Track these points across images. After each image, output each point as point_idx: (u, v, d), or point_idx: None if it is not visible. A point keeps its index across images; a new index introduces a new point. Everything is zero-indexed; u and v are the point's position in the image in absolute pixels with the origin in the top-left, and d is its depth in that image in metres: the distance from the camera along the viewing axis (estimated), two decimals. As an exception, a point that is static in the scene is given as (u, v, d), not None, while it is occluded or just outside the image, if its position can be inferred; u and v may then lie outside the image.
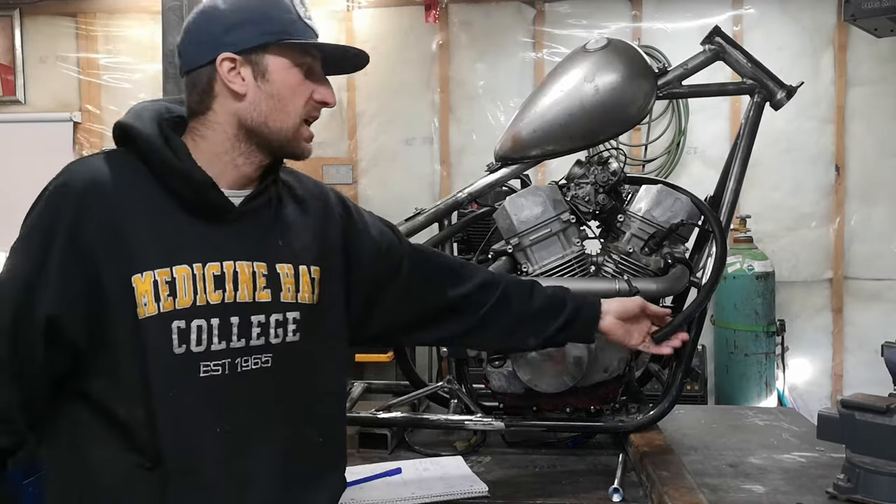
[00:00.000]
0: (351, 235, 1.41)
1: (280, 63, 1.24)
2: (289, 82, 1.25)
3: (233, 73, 1.22)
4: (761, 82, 2.00)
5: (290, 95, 1.25)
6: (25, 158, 4.78)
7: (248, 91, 1.23)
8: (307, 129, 1.30)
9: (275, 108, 1.25)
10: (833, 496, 1.63)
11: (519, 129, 2.02)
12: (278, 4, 1.25)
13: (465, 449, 2.01)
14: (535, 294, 1.57)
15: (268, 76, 1.24)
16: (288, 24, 1.25)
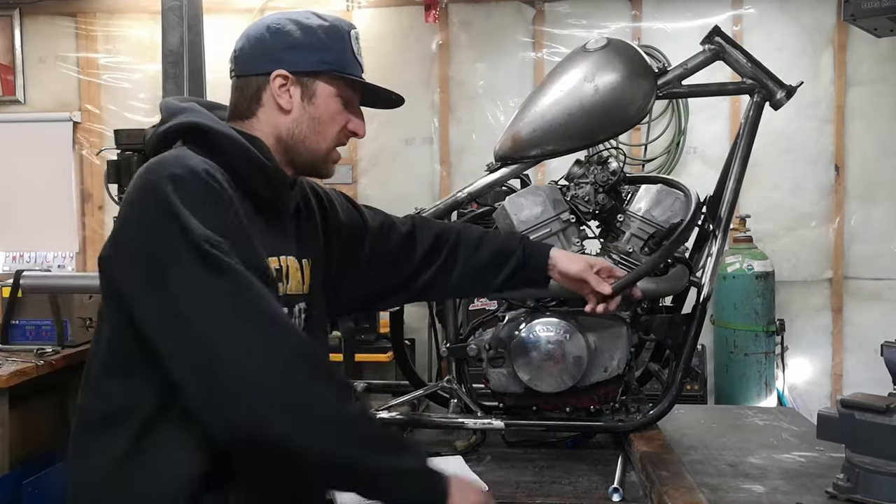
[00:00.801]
0: (328, 225, 1.53)
1: (327, 90, 1.36)
2: (330, 109, 1.36)
3: (282, 89, 1.33)
4: (761, 82, 2.00)
5: (329, 121, 1.37)
6: (25, 158, 4.78)
7: (293, 108, 1.34)
8: (337, 152, 1.42)
9: (313, 130, 1.36)
10: (833, 496, 1.63)
11: (519, 129, 2.02)
12: (340, 39, 1.36)
13: (465, 449, 2.01)
14: (483, 246, 1.67)
15: (314, 100, 1.35)
16: (343, 58, 1.36)
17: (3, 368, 3.30)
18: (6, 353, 3.50)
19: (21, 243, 4.81)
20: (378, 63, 4.65)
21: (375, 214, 1.67)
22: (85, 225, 4.84)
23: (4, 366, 3.34)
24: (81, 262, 4.82)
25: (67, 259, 4.82)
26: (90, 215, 4.84)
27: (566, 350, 1.84)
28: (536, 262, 1.67)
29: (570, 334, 1.85)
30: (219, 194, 1.20)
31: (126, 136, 3.64)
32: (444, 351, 2.07)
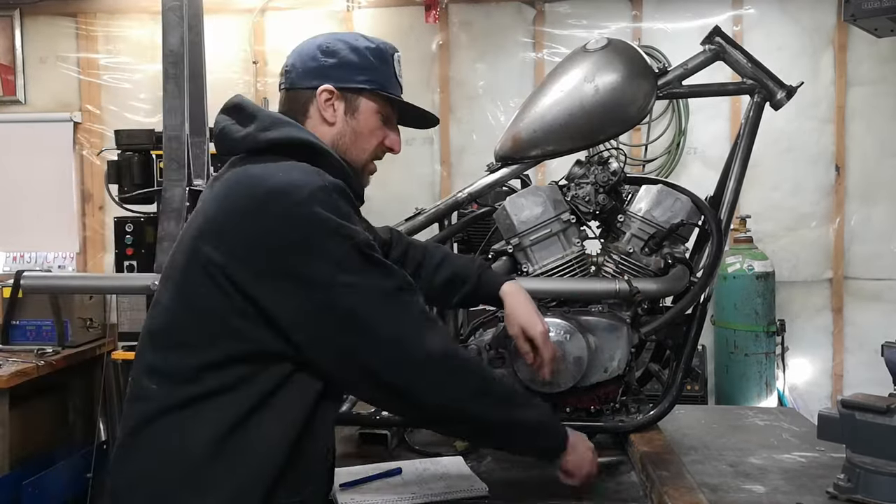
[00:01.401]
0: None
1: (369, 107, 1.48)
2: (370, 124, 1.48)
3: (328, 103, 1.44)
4: (761, 82, 2.00)
5: (369, 135, 1.49)
6: (25, 158, 4.78)
7: (338, 121, 1.45)
8: (374, 164, 1.53)
9: (354, 142, 1.47)
10: (833, 496, 1.63)
11: (519, 130, 2.02)
12: (385, 61, 1.50)
13: (465, 449, 2.01)
14: (442, 268, 1.75)
15: (357, 114, 1.46)
16: (386, 78, 1.50)
17: (4, 368, 3.30)
18: (6, 354, 3.51)
19: (21, 243, 4.81)
20: (378, 63, 4.64)
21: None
22: (85, 225, 4.84)
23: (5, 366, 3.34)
24: (82, 262, 4.81)
25: (68, 259, 4.82)
26: (90, 215, 4.84)
27: (566, 350, 1.84)
28: (488, 291, 1.72)
29: (571, 335, 1.85)
30: (353, 205, 1.36)
31: (126, 136, 3.65)
32: (444, 351, 2.07)
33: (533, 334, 1.63)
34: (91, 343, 3.79)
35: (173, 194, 2.19)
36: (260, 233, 1.27)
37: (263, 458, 1.29)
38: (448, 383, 1.38)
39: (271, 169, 1.32)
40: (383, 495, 1.68)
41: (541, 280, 1.95)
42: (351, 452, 2.00)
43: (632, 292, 1.88)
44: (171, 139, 2.20)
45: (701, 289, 1.91)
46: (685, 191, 2.01)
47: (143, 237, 3.64)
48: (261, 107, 1.46)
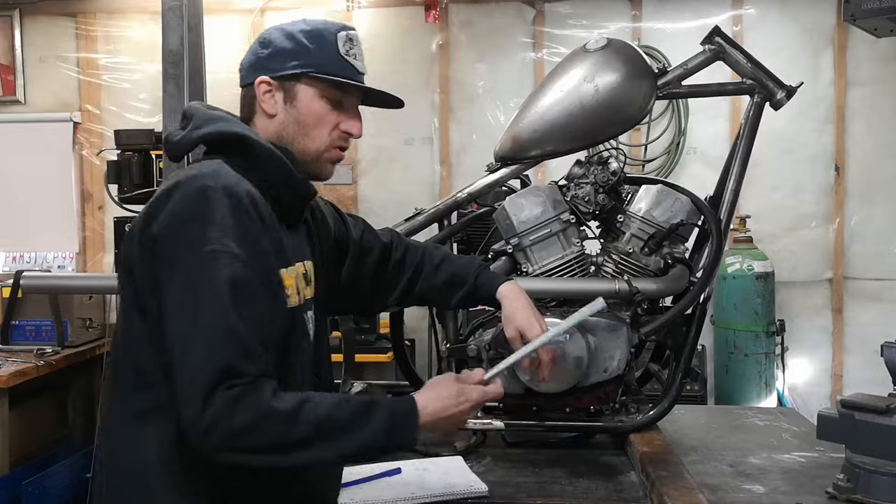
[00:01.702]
0: (318, 229, 1.56)
1: (308, 92, 1.39)
2: (314, 111, 1.40)
3: (266, 95, 1.39)
4: (761, 82, 2.00)
5: (315, 122, 1.40)
6: (25, 158, 4.77)
7: (278, 112, 1.39)
8: (336, 152, 1.44)
9: (299, 132, 1.40)
10: (833, 496, 1.63)
11: (519, 130, 2.02)
12: (322, 41, 1.39)
13: (465, 449, 2.01)
14: (441, 269, 1.70)
15: (295, 102, 1.39)
16: (325, 60, 1.39)
17: (3, 368, 3.30)
18: (6, 353, 3.50)
19: (21, 243, 4.81)
20: (378, 63, 4.64)
21: (356, 223, 1.69)
22: (85, 225, 4.83)
23: (4, 366, 3.34)
24: (81, 262, 4.81)
25: (67, 259, 4.81)
26: (90, 215, 4.84)
27: (566, 350, 1.84)
28: (486, 292, 1.67)
29: (570, 335, 1.85)
30: (246, 211, 1.25)
31: (126, 136, 3.64)
32: (444, 351, 2.07)
33: (530, 338, 1.57)
34: (90, 343, 3.79)
35: (173, 194, 2.19)
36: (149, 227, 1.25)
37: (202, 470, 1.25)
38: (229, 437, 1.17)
39: (186, 168, 1.35)
40: (383, 495, 1.68)
41: (540, 280, 1.95)
42: (351, 452, 1.99)
43: (631, 292, 1.88)
44: (171, 139, 2.20)
45: (700, 289, 1.91)
46: (685, 191, 2.01)
47: (143, 237, 3.63)
48: (201, 107, 1.42)
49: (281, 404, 1.18)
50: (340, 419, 1.23)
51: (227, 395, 1.16)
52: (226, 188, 1.25)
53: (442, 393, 1.33)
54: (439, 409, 1.31)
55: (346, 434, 1.23)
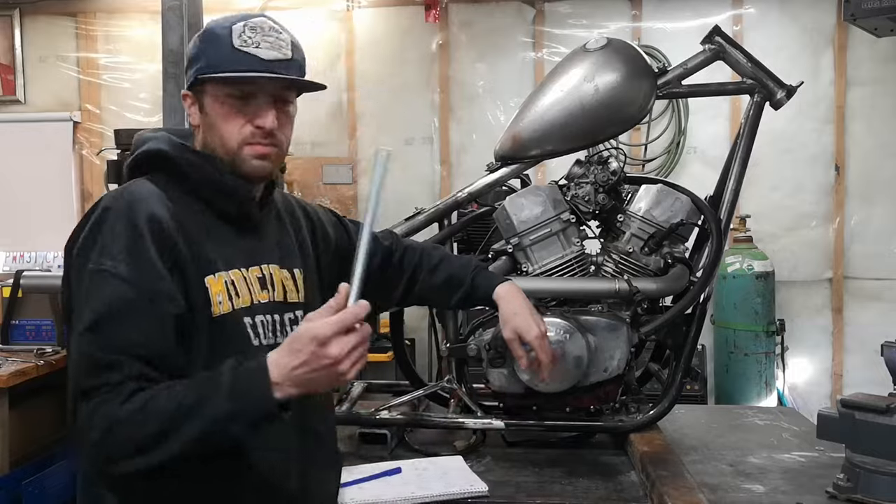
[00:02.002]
0: (316, 238, 1.55)
1: (213, 96, 1.34)
2: (220, 112, 1.34)
3: (191, 107, 1.38)
4: (761, 82, 2.00)
5: (223, 124, 1.34)
6: (25, 158, 4.77)
7: (201, 122, 1.37)
8: (254, 147, 1.34)
9: (216, 136, 1.35)
10: (833, 496, 1.63)
11: (519, 129, 2.02)
12: (214, 39, 1.33)
13: (465, 449, 2.01)
14: (439, 270, 1.69)
15: (206, 108, 1.35)
16: (217, 57, 1.32)
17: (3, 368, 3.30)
18: (6, 353, 3.50)
19: (21, 243, 4.81)
20: (378, 63, 4.65)
21: (358, 229, 1.66)
22: (85, 225, 4.84)
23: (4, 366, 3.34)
24: (81, 262, 4.82)
25: (67, 259, 4.82)
26: (90, 215, 4.84)
27: (566, 350, 1.84)
28: (483, 293, 1.66)
29: (570, 334, 1.85)
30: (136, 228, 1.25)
31: (126, 136, 3.65)
32: (444, 351, 2.07)
33: (529, 339, 1.56)
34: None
35: (173, 194, 2.19)
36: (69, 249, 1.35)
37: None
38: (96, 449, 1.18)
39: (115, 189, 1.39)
40: (383, 495, 1.68)
41: (540, 280, 1.95)
42: (351, 452, 2.00)
43: (631, 292, 1.88)
44: (171, 139, 2.20)
45: (700, 289, 1.91)
46: (685, 190, 2.01)
47: (142, 237, 3.63)
48: (145, 132, 1.43)
49: (130, 405, 1.14)
50: (188, 401, 1.13)
51: (85, 411, 1.21)
52: (120, 209, 1.28)
53: (293, 344, 1.14)
54: (293, 360, 1.13)
55: (198, 413, 1.12)
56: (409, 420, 2.02)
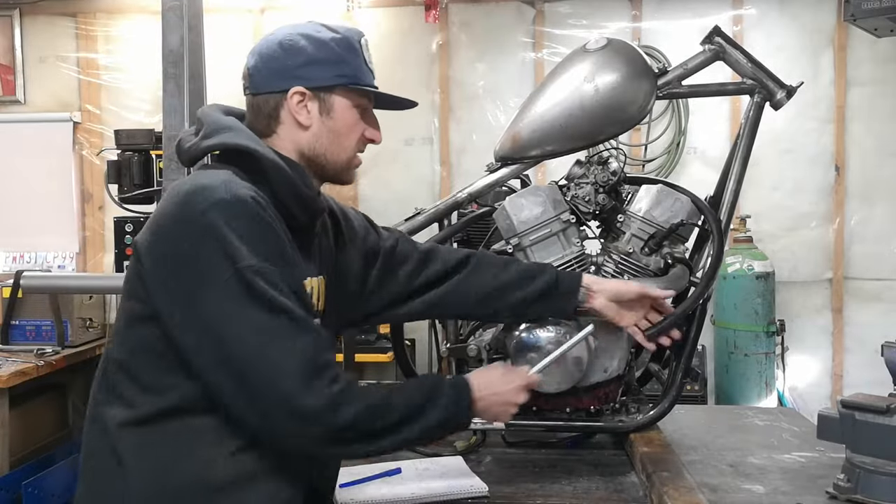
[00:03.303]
0: (342, 241, 1.55)
1: (343, 103, 1.39)
2: (348, 121, 1.39)
3: (300, 106, 1.36)
4: (761, 82, 2.00)
5: (348, 132, 1.40)
6: (25, 158, 4.78)
7: (313, 124, 1.37)
8: (358, 158, 1.45)
9: (333, 142, 1.39)
10: (833, 496, 1.63)
11: (519, 130, 2.02)
12: (353, 50, 1.39)
13: (465, 449, 2.01)
14: (509, 267, 1.69)
15: (332, 113, 1.38)
16: (357, 69, 1.39)
17: (3, 368, 3.30)
18: (6, 353, 3.50)
19: (21, 243, 4.81)
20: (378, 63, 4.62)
21: (391, 234, 1.69)
22: (85, 225, 4.84)
23: (4, 366, 3.34)
24: (81, 262, 4.81)
25: (67, 259, 4.82)
26: (90, 215, 4.84)
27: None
28: (569, 285, 1.67)
29: (571, 335, 1.85)
30: (266, 223, 1.25)
31: (126, 136, 3.65)
32: (444, 351, 2.07)
33: (655, 294, 1.65)
34: (91, 343, 3.79)
35: (173, 194, 2.19)
36: (162, 240, 1.25)
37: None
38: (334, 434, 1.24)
39: (193, 175, 1.33)
40: (383, 495, 1.68)
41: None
42: (351, 452, 1.99)
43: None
44: (171, 139, 2.19)
45: (702, 292, 1.91)
46: (685, 191, 2.01)
47: (143, 237, 3.63)
48: (215, 113, 1.39)
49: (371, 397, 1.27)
50: (416, 402, 1.32)
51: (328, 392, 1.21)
52: (241, 200, 1.23)
53: (492, 375, 1.44)
54: (491, 391, 1.40)
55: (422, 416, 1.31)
56: (409, 420, 2.02)
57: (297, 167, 1.36)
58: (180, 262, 1.21)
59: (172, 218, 1.24)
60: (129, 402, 1.26)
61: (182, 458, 1.24)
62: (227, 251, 1.20)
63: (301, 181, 1.35)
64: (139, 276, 1.26)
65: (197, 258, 1.20)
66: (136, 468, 1.24)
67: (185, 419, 1.25)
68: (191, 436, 1.25)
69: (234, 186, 1.24)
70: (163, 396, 1.25)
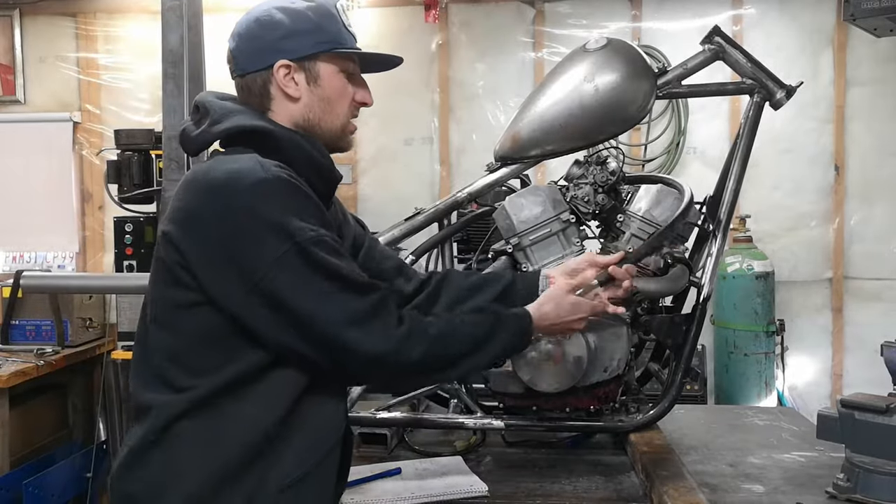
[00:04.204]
0: (340, 217, 1.57)
1: (329, 69, 1.39)
2: (336, 86, 1.40)
3: (287, 79, 1.37)
4: (761, 82, 2.00)
5: (338, 98, 1.41)
6: (25, 158, 4.77)
7: (302, 95, 1.38)
8: (352, 123, 1.46)
9: (325, 110, 1.40)
10: (833, 496, 1.63)
11: (519, 129, 2.02)
12: (329, 15, 1.39)
13: (465, 449, 2.01)
14: (471, 275, 1.73)
15: (319, 81, 1.39)
16: (336, 33, 1.39)
17: (4, 368, 3.30)
18: (6, 353, 3.50)
19: (21, 243, 4.81)
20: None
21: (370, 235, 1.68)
22: (85, 225, 4.83)
23: (4, 366, 3.34)
24: (81, 262, 4.81)
25: (67, 259, 4.81)
26: (90, 215, 4.84)
27: (566, 350, 1.84)
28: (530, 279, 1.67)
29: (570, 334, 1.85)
30: (306, 193, 1.29)
31: (126, 136, 3.65)
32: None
33: (601, 261, 1.63)
34: (91, 343, 3.80)
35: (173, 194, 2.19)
36: (203, 225, 1.26)
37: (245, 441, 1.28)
38: (407, 370, 1.33)
39: (218, 162, 1.32)
40: (383, 495, 1.69)
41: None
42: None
43: (632, 292, 1.88)
44: (171, 139, 2.20)
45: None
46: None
47: (142, 237, 3.64)
48: (216, 100, 1.41)
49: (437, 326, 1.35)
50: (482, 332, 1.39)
51: (396, 335, 1.29)
52: (279, 177, 1.26)
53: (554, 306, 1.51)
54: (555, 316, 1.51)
55: (490, 343, 1.40)
56: (409, 420, 2.02)
57: (310, 139, 1.38)
58: (234, 246, 1.24)
59: (211, 206, 1.26)
60: (179, 386, 1.29)
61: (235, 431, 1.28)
62: (280, 227, 1.23)
63: (318, 152, 1.38)
64: (182, 267, 1.28)
65: (251, 239, 1.23)
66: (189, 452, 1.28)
67: (237, 393, 1.29)
68: (243, 407, 1.29)
69: (267, 165, 1.28)
70: (216, 375, 1.28)
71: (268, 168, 1.27)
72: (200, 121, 1.39)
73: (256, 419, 1.29)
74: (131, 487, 1.31)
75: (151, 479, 1.29)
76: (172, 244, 1.28)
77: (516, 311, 1.48)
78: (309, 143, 1.37)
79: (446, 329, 1.36)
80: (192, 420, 1.28)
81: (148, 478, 1.30)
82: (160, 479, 1.29)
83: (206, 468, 1.27)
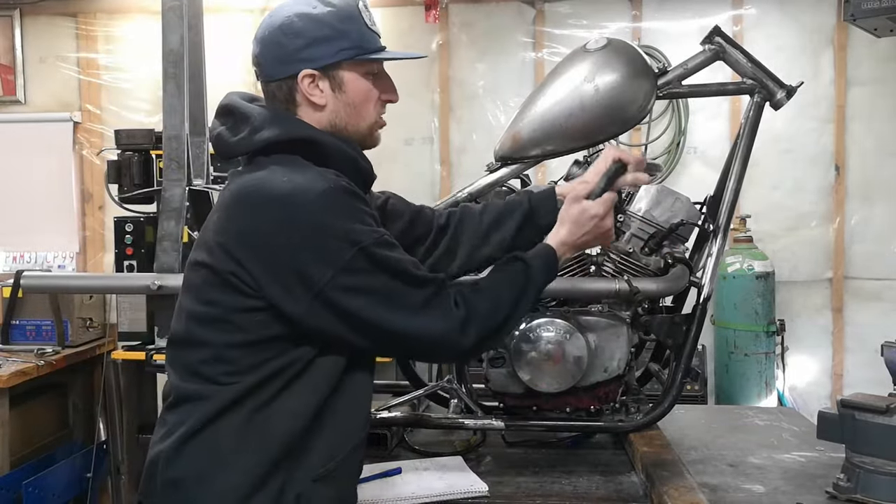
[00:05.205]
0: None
1: (353, 75, 1.40)
2: (361, 90, 1.41)
3: (312, 87, 1.38)
4: (761, 82, 2.00)
5: (364, 101, 1.42)
6: (25, 158, 4.77)
7: (328, 102, 1.39)
8: (381, 121, 1.48)
9: (352, 114, 1.41)
10: (833, 496, 1.63)
11: (519, 129, 2.02)
12: (350, 17, 1.39)
13: (465, 449, 2.01)
14: (486, 211, 1.71)
15: (344, 87, 1.40)
16: (359, 37, 1.39)
17: (4, 368, 3.30)
18: (6, 353, 3.51)
19: (21, 243, 4.81)
20: (378, 63, 4.63)
21: (382, 193, 1.73)
22: (85, 225, 4.83)
23: (5, 366, 3.34)
24: (82, 262, 4.81)
25: (67, 259, 4.82)
26: (90, 215, 4.84)
27: (566, 350, 1.84)
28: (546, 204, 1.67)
29: (571, 334, 1.85)
30: (362, 198, 1.33)
31: (126, 136, 3.65)
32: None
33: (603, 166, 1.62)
34: (91, 343, 3.80)
35: (173, 194, 2.19)
36: (268, 238, 1.28)
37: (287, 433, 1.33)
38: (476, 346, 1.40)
39: (275, 174, 1.33)
40: (383, 495, 1.69)
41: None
42: (351, 452, 1.99)
43: (632, 292, 1.88)
44: (171, 139, 2.20)
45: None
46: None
47: (142, 237, 3.65)
48: (252, 105, 1.42)
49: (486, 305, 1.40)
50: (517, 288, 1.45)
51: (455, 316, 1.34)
52: (338, 185, 1.30)
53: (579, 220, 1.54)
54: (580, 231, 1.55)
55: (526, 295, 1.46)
56: (409, 420, 2.02)
57: (352, 144, 1.41)
58: (302, 256, 1.28)
59: (277, 219, 1.29)
60: (226, 380, 1.33)
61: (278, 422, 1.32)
62: (346, 234, 1.27)
63: (360, 156, 1.42)
64: (238, 276, 1.30)
65: (320, 248, 1.27)
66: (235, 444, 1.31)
67: (281, 386, 1.33)
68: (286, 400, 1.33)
69: (327, 175, 1.32)
70: (262, 370, 1.32)
71: (328, 178, 1.31)
72: (237, 126, 1.40)
73: (296, 411, 1.33)
74: (178, 474, 1.33)
75: (198, 467, 1.32)
76: (229, 255, 1.31)
77: (539, 251, 1.51)
78: (352, 148, 1.41)
79: (491, 300, 1.41)
80: (237, 412, 1.32)
81: (195, 466, 1.33)
82: (206, 468, 1.32)
83: (251, 459, 1.31)
